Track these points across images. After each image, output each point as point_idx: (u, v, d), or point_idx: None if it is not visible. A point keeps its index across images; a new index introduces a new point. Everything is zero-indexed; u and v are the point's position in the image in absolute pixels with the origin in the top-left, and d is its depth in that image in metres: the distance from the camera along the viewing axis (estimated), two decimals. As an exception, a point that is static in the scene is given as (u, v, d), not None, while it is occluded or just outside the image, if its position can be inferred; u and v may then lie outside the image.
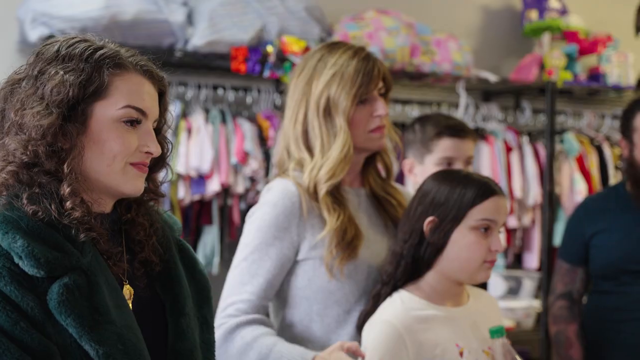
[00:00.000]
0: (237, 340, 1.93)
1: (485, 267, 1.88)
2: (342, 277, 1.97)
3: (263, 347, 1.90)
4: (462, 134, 2.49)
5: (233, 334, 1.94)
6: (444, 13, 4.21)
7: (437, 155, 2.48)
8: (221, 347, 1.96)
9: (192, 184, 3.32)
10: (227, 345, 1.95)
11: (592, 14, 4.45)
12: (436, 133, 2.48)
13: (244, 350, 1.91)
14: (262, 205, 2.04)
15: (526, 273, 4.02)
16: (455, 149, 2.48)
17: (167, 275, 1.48)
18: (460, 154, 2.48)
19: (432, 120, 2.54)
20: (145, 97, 1.43)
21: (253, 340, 1.92)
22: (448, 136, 2.47)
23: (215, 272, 3.42)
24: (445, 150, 2.47)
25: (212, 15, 3.33)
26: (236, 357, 1.93)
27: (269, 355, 1.89)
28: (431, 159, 2.49)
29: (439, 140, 2.47)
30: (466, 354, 1.85)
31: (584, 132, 4.21)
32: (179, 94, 3.48)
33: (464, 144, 2.49)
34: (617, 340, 2.76)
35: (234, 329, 1.94)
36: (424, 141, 2.51)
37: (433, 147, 2.49)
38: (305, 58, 2.12)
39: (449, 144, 2.47)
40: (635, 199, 2.79)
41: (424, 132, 2.52)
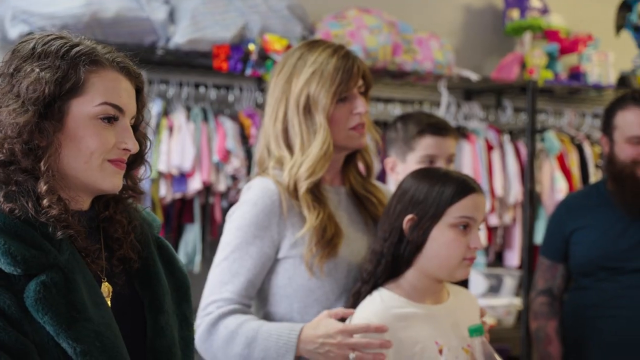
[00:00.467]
0: (221, 331, 1.92)
1: (465, 264, 1.88)
2: (322, 275, 1.97)
3: (249, 331, 1.90)
4: (444, 132, 2.51)
5: (216, 326, 1.93)
6: (426, 12, 4.22)
7: (419, 153, 2.49)
8: (205, 341, 1.94)
9: (173, 182, 3.31)
10: (212, 338, 1.94)
11: (573, 13, 4.47)
12: (418, 131, 2.49)
13: (230, 339, 1.91)
14: (242, 204, 2.04)
15: (507, 271, 4.04)
16: (437, 147, 2.49)
17: (145, 273, 1.47)
18: (442, 152, 2.49)
19: (414, 119, 2.56)
20: (122, 94, 1.43)
21: (238, 326, 1.91)
22: (430, 134, 2.48)
23: (196, 271, 3.41)
24: (427, 148, 2.48)
25: (194, 13, 3.32)
26: (222, 347, 1.92)
27: (256, 338, 1.89)
28: (413, 157, 2.50)
29: (421, 138, 2.49)
30: (445, 351, 1.86)
31: (565, 131, 4.23)
32: (161, 92, 3.47)
33: (445, 142, 2.51)
34: (595, 336, 2.78)
35: (216, 321, 1.94)
36: (406, 139, 2.52)
37: (415, 145, 2.50)
38: (285, 56, 2.12)
39: (431, 142, 2.49)
40: (614, 196, 2.81)
41: (406, 131, 2.53)
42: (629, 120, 2.77)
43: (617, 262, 2.76)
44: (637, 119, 2.75)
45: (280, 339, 1.88)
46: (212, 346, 1.94)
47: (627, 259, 2.75)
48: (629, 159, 2.76)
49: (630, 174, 2.75)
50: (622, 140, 2.78)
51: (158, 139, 3.30)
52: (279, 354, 1.87)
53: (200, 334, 1.96)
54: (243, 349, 1.90)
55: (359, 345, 1.82)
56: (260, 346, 1.89)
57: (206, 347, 1.95)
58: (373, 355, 1.81)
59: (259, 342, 1.89)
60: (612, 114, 2.84)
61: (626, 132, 2.77)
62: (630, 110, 2.77)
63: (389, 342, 1.81)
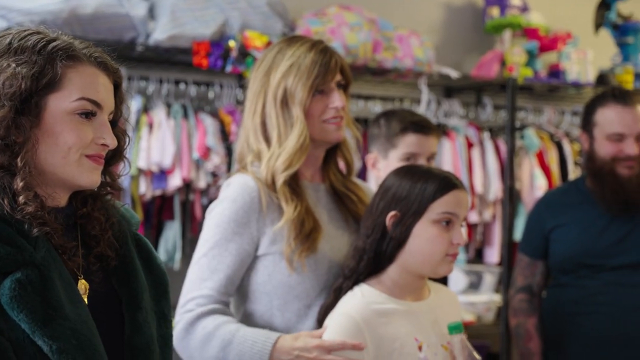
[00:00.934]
0: (199, 331, 1.92)
1: (448, 260, 1.89)
2: (303, 271, 1.97)
3: (226, 334, 1.90)
4: (427, 131, 2.52)
5: (194, 325, 1.93)
6: (406, 9, 4.23)
7: (401, 150, 2.50)
8: (183, 340, 1.95)
9: (153, 179, 3.30)
10: (189, 338, 1.94)
11: (553, 11, 4.50)
12: (401, 128, 2.50)
13: (207, 340, 1.91)
14: (221, 201, 2.04)
15: (487, 268, 4.05)
16: (420, 145, 2.50)
17: (123, 270, 1.47)
18: (424, 150, 2.50)
19: (397, 116, 2.56)
20: (99, 89, 1.42)
21: (215, 328, 1.91)
22: (413, 132, 2.49)
23: (177, 268, 3.40)
24: (409, 146, 2.49)
25: (173, 9, 3.30)
26: (199, 348, 1.92)
27: (232, 341, 1.89)
28: (395, 154, 2.51)
29: (404, 135, 2.50)
30: (425, 348, 1.87)
31: (544, 128, 4.25)
32: (141, 89, 3.45)
33: (428, 140, 2.51)
34: (575, 333, 2.79)
35: (195, 321, 1.94)
36: (388, 136, 2.53)
37: (397, 143, 2.51)
38: (265, 51, 2.14)
39: (413, 139, 2.49)
40: (594, 193, 2.82)
41: (388, 127, 2.54)
42: (608, 117, 2.78)
43: (598, 260, 2.77)
44: (617, 116, 2.76)
45: (255, 345, 1.88)
46: (189, 345, 1.94)
47: (608, 256, 2.76)
48: (608, 156, 2.77)
49: (610, 171, 2.76)
50: (601, 137, 2.79)
51: (138, 136, 3.28)
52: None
53: (178, 332, 1.96)
54: (218, 351, 1.90)
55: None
56: (235, 350, 1.89)
57: (183, 345, 1.96)
58: None
59: (234, 346, 1.89)
60: (592, 110, 2.85)
61: (606, 129, 2.78)
62: (610, 108, 2.78)
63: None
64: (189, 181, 3.35)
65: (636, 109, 2.77)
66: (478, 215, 3.95)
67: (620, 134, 2.75)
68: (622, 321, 2.72)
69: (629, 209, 2.77)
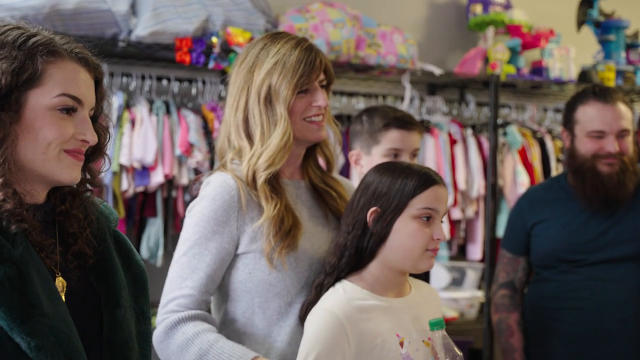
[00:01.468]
0: (178, 336, 1.92)
1: (428, 255, 1.90)
2: (284, 268, 1.97)
3: (204, 343, 1.90)
4: (410, 126, 2.52)
5: (174, 329, 1.93)
6: (390, 6, 4.23)
7: (384, 146, 2.50)
8: (162, 342, 1.95)
9: (135, 176, 3.29)
10: (168, 341, 1.94)
11: (535, 9, 4.51)
12: (384, 125, 2.50)
13: (185, 346, 1.91)
14: (201, 199, 2.03)
15: (469, 264, 4.06)
16: (402, 141, 2.50)
17: (102, 267, 1.46)
18: (407, 146, 2.50)
19: (380, 112, 2.56)
20: (80, 85, 1.42)
21: (194, 335, 1.91)
22: (395, 128, 2.49)
23: (159, 265, 3.39)
24: (392, 142, 2.49)
25: (155, 5, 3.29)
26: (177, 352, 1.92)
27: (209, 351, 1.89)
28: (378, 150, 2.51)
29: (387, 131, 2.50)
30: (406, 344, 1.87)
31: (527, 125, 4.27)
32: (123, 85, 3.44)
33: (410, 136, 2.52)
34: (556, 328, 2.81)
35: (175, 325, 1.93)
36: (371, 132, 2.52)
37: (380, 139, 2.51)
38: (248, 47, 2.12)
39: (396, 135, 2.49)
40: (575, 189, 2.84)
41: (371, 124, 2.54)
42: (589, 114, 2.79)
43: (578, 255, 2.79)
44: (597, 114, 2.77)
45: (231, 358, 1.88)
46: (167, 348, 1.95)
47: (588, 251, 2.78)
48: (589, 153, 2.78)
49: (591, 168, 2.77)
50: (582, 134, 2.81)
51: (120, 132, 3.27)
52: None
53: (159, 334, 1.96)
54: (195, 359, 1.90)
55: None
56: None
57: (162, 347, 1.96)
58: None
59: (210, 357, 1.89)
60: (573, 108, 2.86)
61: (587, 127, 2.79)
62: (591, 105, 2.80)
63: None
64: (171, 178, 3.34)
65: (617, 106, 2.78)
66: (461, 211, 3.96)
67: (600, 131, 2.77)
68: (602, 316, 2.74)
69: (609, 205, 2.78)
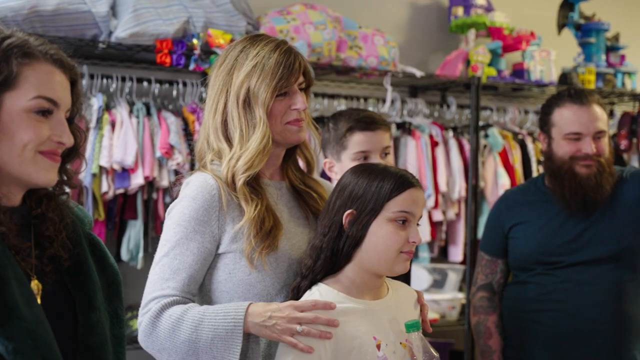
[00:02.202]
0: (166, 320, 1.89)
1: (403, 258, 1.89)
2: (264, 269, 1.96)
3: (195, 315, 1.88)
4: (374, 126, 2.51)
5: (159, 317, 1.90)
6: (371, 8, 4.24)
7: (352, 150, 2.50)
8: (150, 334, 1.90)
9: (115, 178, 3.28)
10: (156, 330, 1.89)
11: (517, 11, 4.53)
12: (348, 129, 2.50)
13: (176, 326, 1.87)
14: (181, 200, 2.03)
15: (451, 266, 4.08)
16: (369, 142, 2.50)
17: (77, 270, 1.45)
18: (375, 147, 2.50)
19: (343, 117, 2.56)
20: (56, 87, 1.41)
21: (183, 313, 1.88)
22: (359, 130, 2.49)
23: (139, 267, 3.38)
24: (358, 145, 2.49)
25: (136, 6, 3.28)
26: (168, 336, 1.88)
27: (202, 320, 1.87)
28: (347, 155, 2.51)
29: (352, 135, 2.50)
30: (383, 347, 1.87)
31: (508, 127, 4.29)
32: (103, 87, 3.43)
33: (376, 135, 2.51)
34: (534, 330, 2.82)
35: (159, 313, 1.90)
36: (337, 139, 2.53)
37: (347, 144, 2.51)
38: (228, 49, 2.11)
39: (361, 138, 2.49)
40: (553, 192, 2.85)
41: (336, 130, 2.54)
42: (566, 117, 2.80)
43: (555, 257, 2.80)
44: (573, 116, 2.78)
45: (227, 315, 1.86)
46: (158, 337, 1.90)
47: (565, 253, 2.79)
48: (567, 156, 2.80)
49: (569, 170, 2.79)
50: (559, 137, 2.82)
51: (100, 134, 3.26)
52: (228, 331, 1.85)
53: (144, 329, 1.92)
54: (191, 333, 1.87)
55: (307, 320, 1.82)
56: (208, 327, 1.86)
57: (152, 340, 1.91)
58: (320, 332, 1.81)
59: (206, 324, 1.87)
60: (549, 111, 2.87)
61: (564, 129, 2.80)
62: (567, 107, 2.81)
63: (336, 321, 1.82)
64: (151, 180, 3.33)
65: (592, 108, 2.79)
66: (442, 213, 3.98)
67: (577, 133, 2.78)
68: (578, 318, 2.75)
69: (587, 207, 2.79)
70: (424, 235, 3.90)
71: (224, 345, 1.85)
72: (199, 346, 1.86)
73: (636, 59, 4.78)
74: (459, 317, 3.94)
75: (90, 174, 3.22)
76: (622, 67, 4.54)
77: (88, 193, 3.23)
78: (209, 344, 1.86)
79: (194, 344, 1.87)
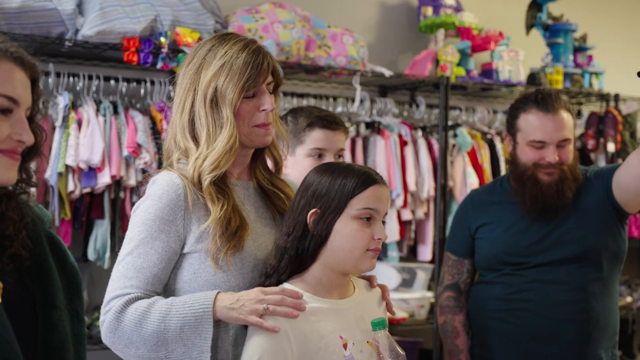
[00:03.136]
0: (131, 313, 1.86)
1: (369, 255, 1.89)
2: (229, 269, 1.96)
3: (162, 306, 1.86)
4: (334, 126, 2.52)
5: (124, 311, 1.87)
6: (341, 7, 4.24)
7: (308, 146, 2.50)
8: (116, 330, 1.87)
9: (82, 177, 3.25)
10: (122, 325, 1.86)
11: (485, 12, 4.56)
12: (308, 124, 2.51)
13: (142, 318, 1.85)
14: (147, 198, 2.01)
15: (420, 265, 4.09)
16: (326, 140, 2.50)
17: (37, 269, 1.44)
18: (331, 146, 2.51)
19: (304, 112, 2.56)
20: (16, 85, 1.39)
21: (149, 305, 1.86)
22: (319, 127, 2.50)
23: (106, 267, 3.36)
24: (316, 142, 2.50)
25: (102, 4, 3.25)
26: (135, 329, 1.85)
27: (170, 310, 1.85)
28: (302, 150, 2.51)
29: (311, 131, 2.50)
30: (350, 345, 1.86)
31: (477, 127, 4.31)
32: (69, 85, 3.40)
33: (335, 135, 2.52)
34: (501, 329, 2.83)
35: (124, 308, 1.87)
36: (295, 132, 2.53)
37: (304, 138, 2.51)
38: (196, 47, 2.10)
39: (320, 135, 2.50)
40: (516, 193, 2.85)
41: (295, 124, 2.54)
42: (531, 123, 2.78)
43: (522, 258, 2.81)
44: (539, 123, 2.76)
45: (195, 303, 1.86)
46: (124, 332, 1.87)
47: (532, 254, 2.80)
48: (530, 162, 2.79)
49: (531, 177, 2.78)
50: (523, 143, 2.80)
51: (66, 133, 3.23)
52: (197, 317, 1.84)
53: (108, 326, 1.89)
54: (158, 324, 1.85)
55: (273, 301, 1.83)
56: (176, 317, 1.85)
57: (118, 335, 1.88)
58: (286, 311, 1.83)
59: (174, 313, 1.85)
60: (515, 114, 2.85)
61: (528, 136, 2.78)
62: (533, 114, 2.78)
63: (303, 305, 1.83)
64: (118, 179, 3.31)
65: (558, 115, 2.76)
66: (411, 213, 3.99)
67: (541, 141, 2.76)
68: (545, 317, 2.76)
69: (547, 213, 2.80)
70: (393, 234, 3.91)
71: (194, 332, 1.85)
72: (168, 336, 1.85)
73: (603, 59, 4.82)
74: (428, 316, 3.96)
75: (56, 173, 3.19)
76: (590, 67, 4.58)
77: (54, 192, 3.20)
78: (179, 332, 1.85)
79: (162, 334, 1.85)
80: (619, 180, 2.75)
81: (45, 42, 3.16)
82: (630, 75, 2.40)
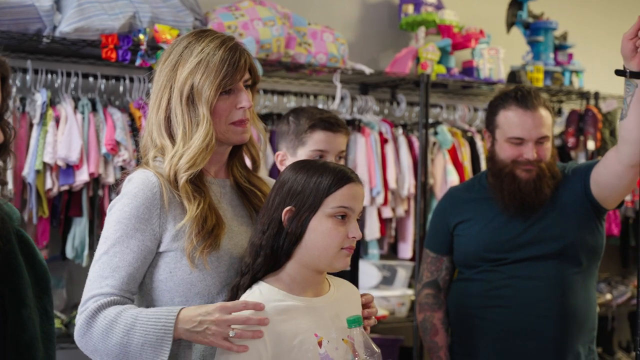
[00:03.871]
0: (100, 322, 1.87)
1: (344, 254, 1.89)
2: (205, 268, 1.95)
3: (128, 318, 1.86)
4: (336, 128, 2.52)
5: (95, 318, 1.88)
6: (321, 5, 4.24)
7: (310, 147, 2.50)
8: (85, 335, 1.88)
9: (60, 174, 3.23)
10: (90, 331, 1.88)
11: (466, 10, 4.56)
12: (310, 126, 2.50)
13: (109, 328, 1.86)
14: (122, 196, 2.00)
15: (400, 262, 4.09)
16: (328, 142, 2.50)
17: (6, 267, 1.43)
18: (333, 148, 2.51)
19: (306, 113, 2.56)
20: None
21: (117, 315, 1.87)
22: (321, 129, 2.50)
23: (84, 265, 3.34)
24: (318, 143, 2.50)
25: (80, 1, 3.23)
26: (101, 338, 1.87)
27: (134, 324, 1.85)
28: (303, 152, 2.51)
29: (313, 133, 2.50)
30: (325, 343, 1.86)
31: (457, 125, 4.32)
32: (47, 82, 3.37)
33: (336, 137, 2.52)
34: (480, 326, 2.83)
35: (95, 313, 1.88)
36: (297, 133, 2.52)
37: (306, 140, 2.51)
38: (173, 44, 2.08)
39: (322, 137, 2.50)
40: (494, 190, 2.85)
41: (297, 125, 2.54)
42: (510, 120, 2.78)
43: (500, 254, 2.81)
44: (518, 120, 2.76)
45: (158, 321, 1.85)
46: (91, 338, 1.89)
47: (510, 250, 2.81)
48: (508, 159, 2.80)
49: (509, 173, 2.79)
50: (502, 139, 2.81)
51: (44, 130, 3.21)
52: (158, 337, 1.84)
53: (79, 328, 1.90)
54: (123, 337, 1.86)
55: (238, 321, 1.81)
56: (140, 332, 1.85)
57: (86, 340, 1.89)
58: (252, 332, 1.81)
59: (138, 328, 1.85)
60: (495, 111, 2.86)
61: (507, 133, 2.79)
62: (512, 110, 2.78)
63: (267, 319, 1.81)
64: (97, 176, 3.29)
65: (537, 112, 2.77)
66: (391, 210, 3.99)
67: (520, 138, 2.77)
68: (523, 313, 2.77)
69: (524, 210, 2.80)
70: (374, 232, 3.91)
71: (153, 351, 1.85)
72: (130, 350, 1.86)
73: (584, 57, 4.84)
74: (409, 313, 3.96)
75: (34, 171, 3.17)
76: (570, 65, 4.60)
77: (32, 190, 3.18)
78: (140, 349, 1.85)
79: (125, 347, 1.86)
80: (597, 177, 2.77)
81: (23, 39, 3.14)
82: (610, 73, 2.40)
